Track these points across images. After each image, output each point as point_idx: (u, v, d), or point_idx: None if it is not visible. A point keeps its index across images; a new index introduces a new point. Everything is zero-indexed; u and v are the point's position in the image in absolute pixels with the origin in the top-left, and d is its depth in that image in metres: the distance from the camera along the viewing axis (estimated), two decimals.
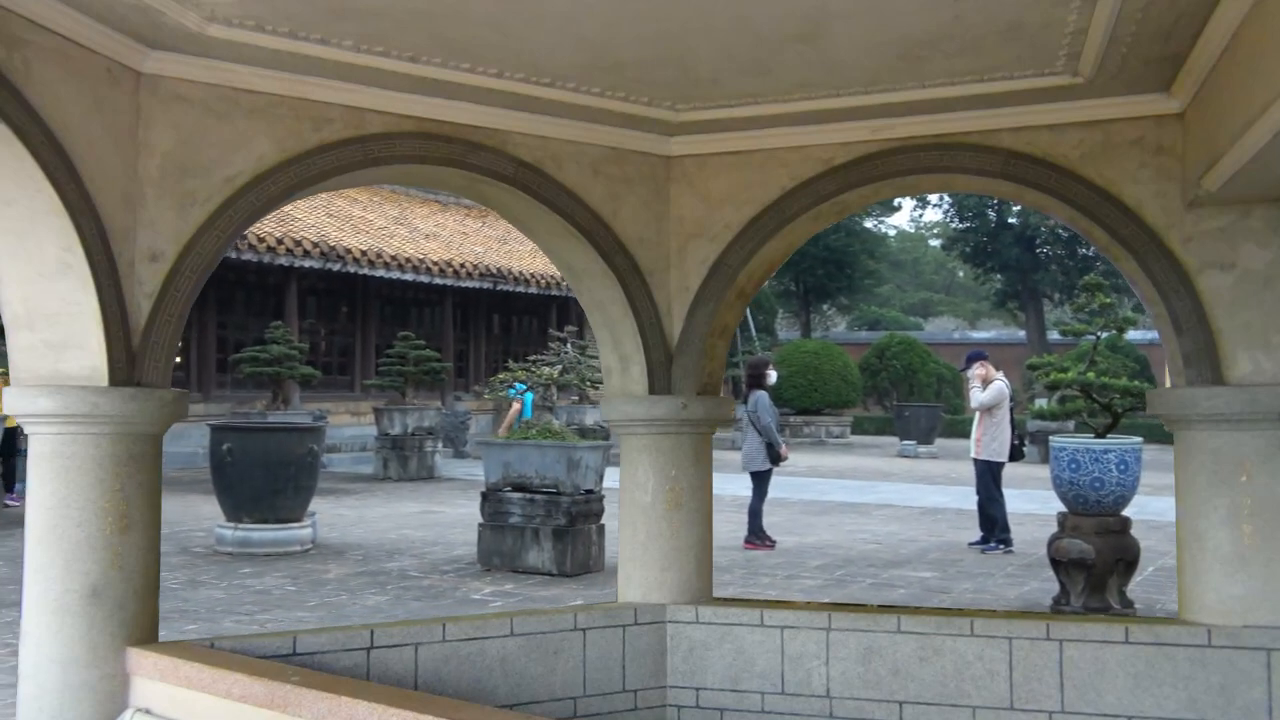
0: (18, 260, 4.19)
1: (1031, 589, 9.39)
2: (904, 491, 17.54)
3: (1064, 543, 8.03)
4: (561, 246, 5.58)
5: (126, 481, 4.28)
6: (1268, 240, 4.86)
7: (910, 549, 11.63)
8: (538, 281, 23.84)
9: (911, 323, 50.97)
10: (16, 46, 3.83)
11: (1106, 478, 8.01)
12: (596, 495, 10.28)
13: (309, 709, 3.68)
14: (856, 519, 14.10)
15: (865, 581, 9.68)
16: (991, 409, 11.44)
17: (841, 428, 30.40)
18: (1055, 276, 40.11)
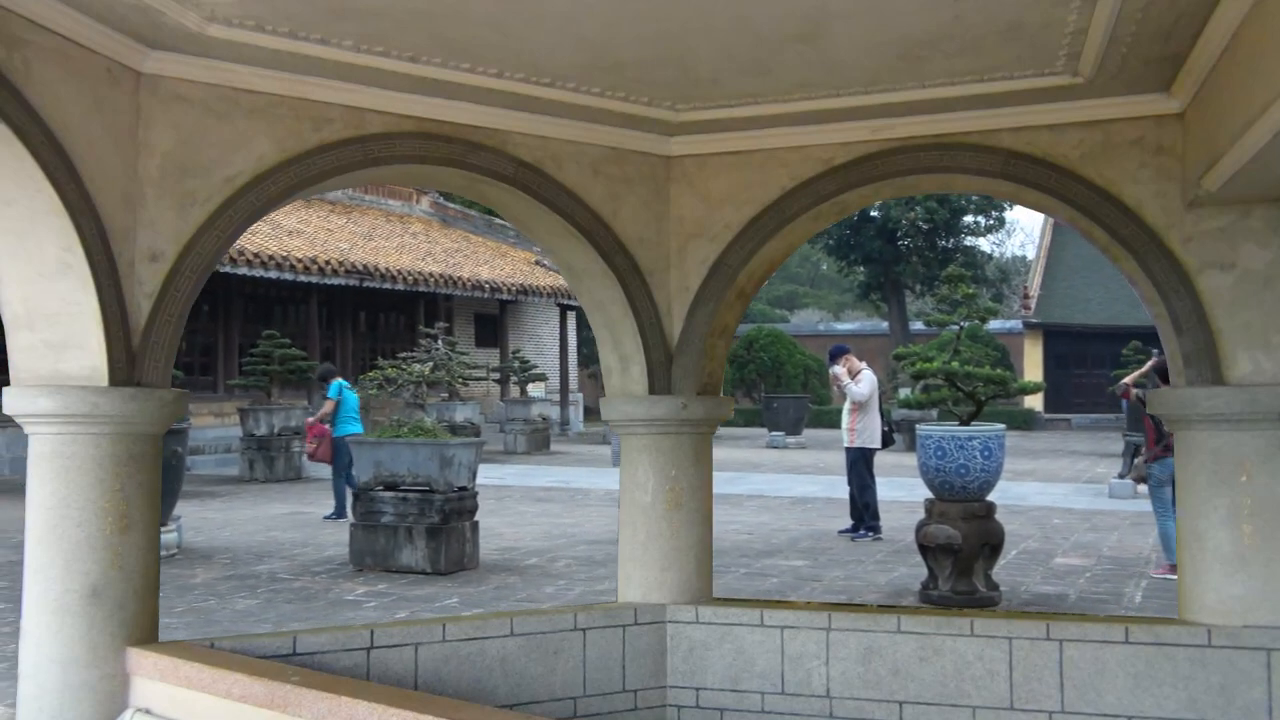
0: (18, 260, 4.19)
1: (901, 574, 9.48)
2: (774, 482, 17.60)
3: (931, 529, 8.14)
4: (561, 246, 5.58)
5: (126, 481, 4.29)
6: (1268, 240, 4.86)
7: (782, 538, 11.71)
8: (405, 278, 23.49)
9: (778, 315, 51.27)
10: (16, 46, 3.83)
11: (971, 464, 8.15)
12: (470, 492, 10.14)
13: (309, 709, 3.68)
14: (728, 510, 14.09)
15: (739, 571, 9.72)
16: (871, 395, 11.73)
17: None
18: (916, 268, 40.60)
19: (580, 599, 8.47)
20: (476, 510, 10.22)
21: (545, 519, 13.35)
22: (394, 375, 12.71)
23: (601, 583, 9.13)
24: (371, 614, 8.02)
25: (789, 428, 25.97)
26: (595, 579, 9.34)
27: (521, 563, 10.24)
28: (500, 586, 9.07)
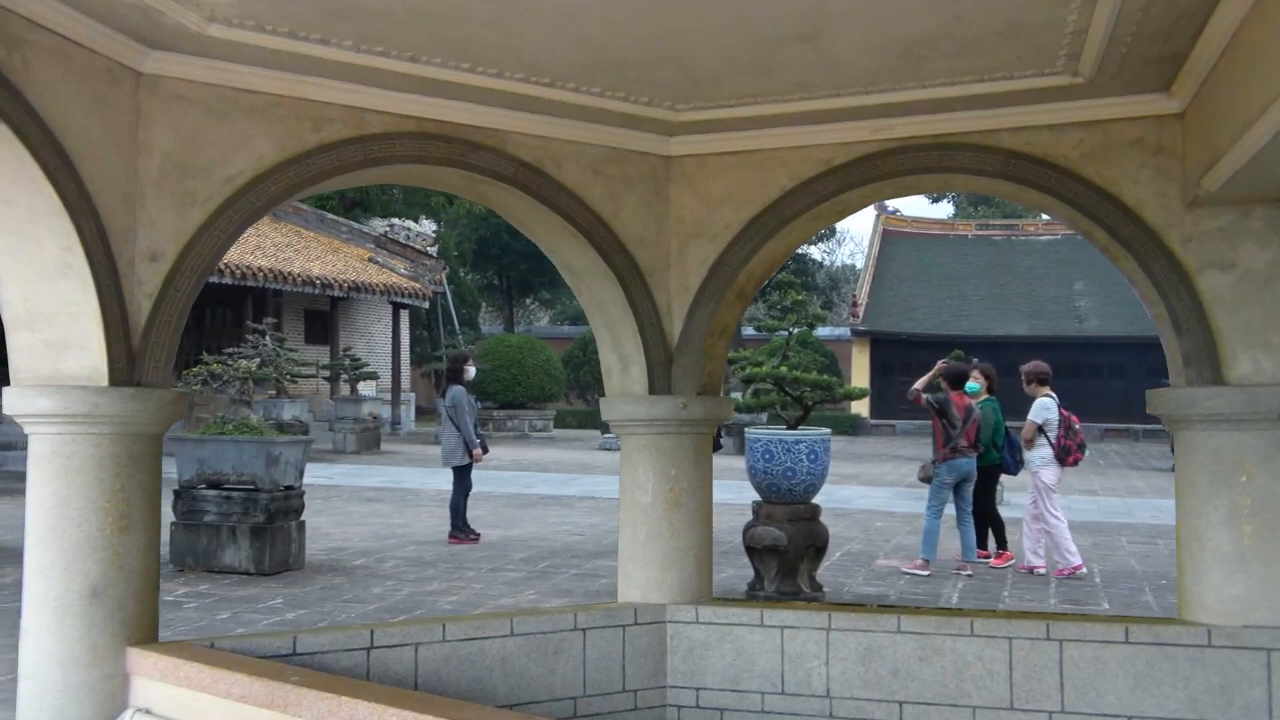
0: (18, 260, 4.18)
1: (728, 575, 9.56)
2: (606, 483, 17.44)
3: (758, 530, 8.23)
4: (561, 246, 5.58)
5: (126, 481, 4.28)
6: (1268, 240, 4.86)
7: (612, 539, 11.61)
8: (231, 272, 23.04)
9: None
10: (16, 46, 3.83)
11: (798, 467, 8.26)
12: (297, 491, 9.92)
13: (309, 709, 3.68)
14: (560, 511, 14.16)
15: (569, 572, 9.75)
16: None
17: (545, 421, 30.50)
18: None
19: (408, 600, 8.38)
20: (303, 510, 9.99)
21: (374, 519, 13.21)
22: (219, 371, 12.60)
23: (430, 583, 9.06)
24: (192, 615, 7.85)
25: None
26: (424, 580, 9.25)
27: (349, 563, 10.06)
28: (326, 587, 8.91)
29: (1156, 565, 10.78)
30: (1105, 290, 37.54)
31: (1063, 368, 37.11)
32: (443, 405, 11.82)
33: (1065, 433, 10.03)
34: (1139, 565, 10.78)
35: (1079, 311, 37.54)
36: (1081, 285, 38.29)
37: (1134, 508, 16.08)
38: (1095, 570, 10.42)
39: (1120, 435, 33.91)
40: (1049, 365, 10.63)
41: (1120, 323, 35.80)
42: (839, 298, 50.01)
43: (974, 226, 45.43)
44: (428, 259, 30.03)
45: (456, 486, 11.60)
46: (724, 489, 15.39)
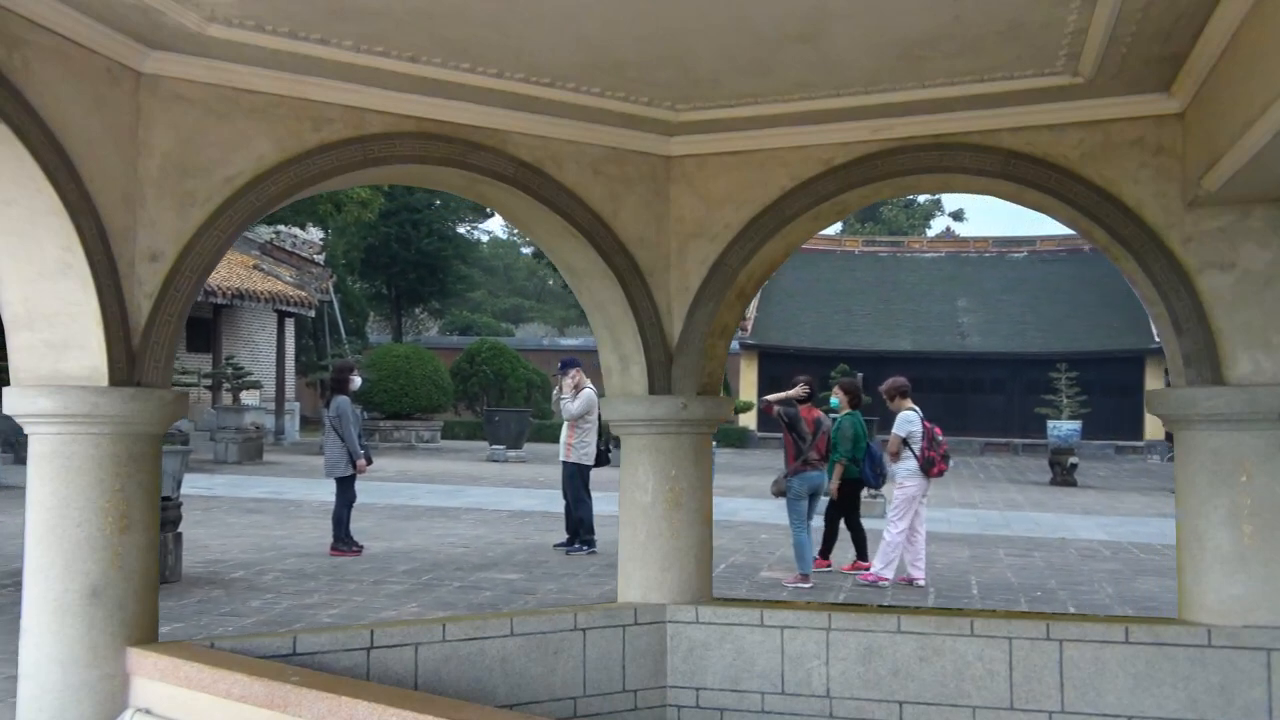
0: (18, 260, 4.19)
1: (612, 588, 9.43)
2: (493, 495, 17.43)
3: None
4: (561, 246, 5.58)
5: (126, 481, 4.28)
6: (1268, 240, 4.86)
7: (497, 551, 11.71)
8: None
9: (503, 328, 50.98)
10: (16, 46, 3.83)
11: None
12: (174, 502, 9.55)
13: (309, 709, 3.68)
14: (445, 523, 13.87)
15: (453, 585, 9.63)
16: (584, 415, 11.72)
17: (432, 432, 30.05)
18: None
19: (287, 613, 8.16)
20: (180, 521, 9.67)
21: (255, 531, 12.87)
22: None
23: (310, 596, 8.84)
24: None
25: (510, 441, 25.69)
26: (304, 592, 9.01)
27: (227, 576, 9.78)
28: (204, 600, 8.64)
29: (1032, 577, 10.95)
30: (987, 307, 38.60)
31: (945, 383, 36.75)
32: (327, 415, 11.61)
33: (929, 444, 10.27)
34: (1015, 578, 10.94)
35: (962, 328, 38.20)
36: (964, 302, 38.99)
37: (1012, 520, 16.28)
38: (973, 582, 10.58)
39: (1001, 449, 34.44)
40: (907, 379, 10.91)
41: (1000, 339, 36.72)
42: None
43: (861, 243, 45.55)
44: (314, 267, 29.68)
45: (340, 498, 11.34)
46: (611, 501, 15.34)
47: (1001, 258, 42.02)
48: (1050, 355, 30.27)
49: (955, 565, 11.55)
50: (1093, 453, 30.38)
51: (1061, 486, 22.56)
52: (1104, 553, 13.06)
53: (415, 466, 23.28)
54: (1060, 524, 15.81)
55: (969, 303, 38.70)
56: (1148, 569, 11.95)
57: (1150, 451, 34.81)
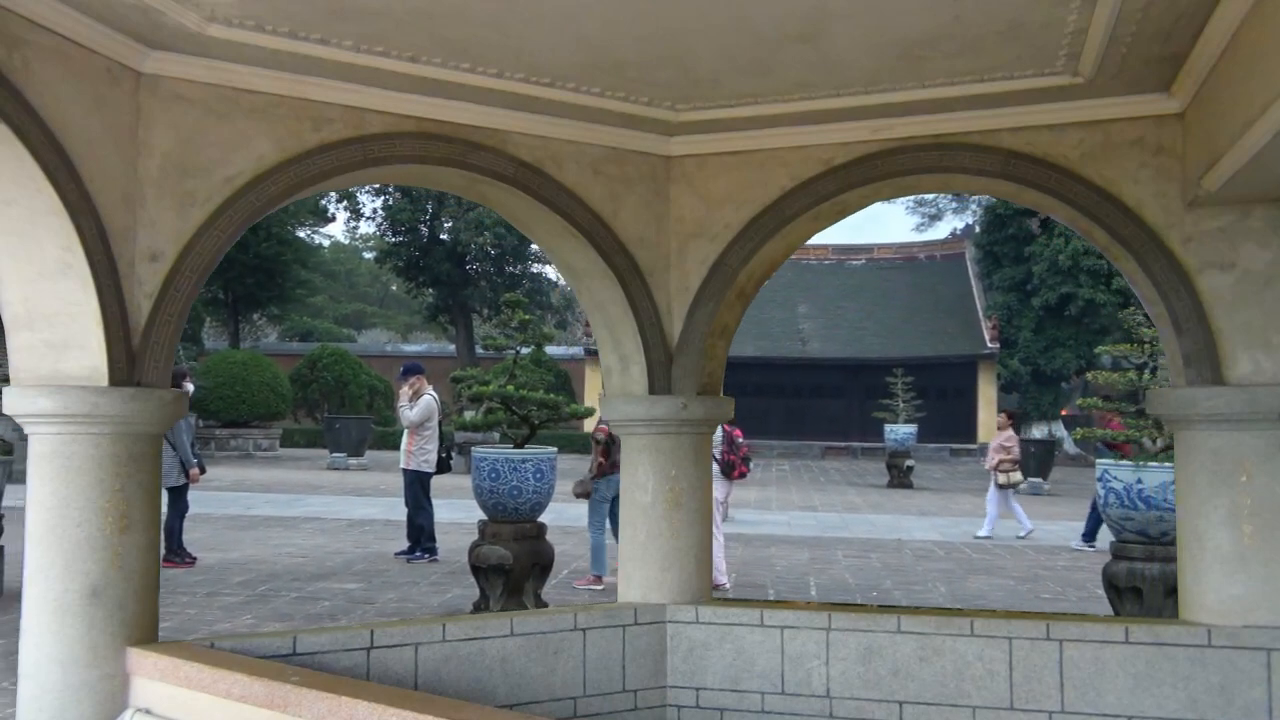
0: (18, 260, 4.18)
1: (454, 595, 9.55)
2: (333, 504, 17.43)
3: (484, 549, 8.22)
4: (561, 246, 5.58)
5: (126, 481, 4.28)
6: (1268, 240, 4.86)
7: (337, 561, 11.63)
8: None
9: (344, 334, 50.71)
10: (16, 46, 3.83)
11: (524, 486, 8.24)
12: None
13: (309, 709, 3.68)
14: (283, 533, 13.81)
15: (289, 595, 9.53)
16: (424, 422, 11.70)
17: (270, 440, 29.73)
18: (484, 293, 41.31)
19: None
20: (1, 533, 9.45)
21: None
22: None
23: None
24: None
25: (351, 449, 25.51)
26: None
27: None
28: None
29: (869, 578, 11.10)
30: (827, 314, 39.30)
31: (787, 388, 37.64)
32: None
33: (729, 448, 10.52)
34: (852, 579, 11.08)
35: (802, 334, 38.83)
36: (805, 309, 39.55)
37: (850, 522, 16.47)
38: (812, 583, 10.70)
39: (840, 453, 34.91)
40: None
41: (839, 345, 37.45)
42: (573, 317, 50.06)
43: None
44: None
45: (171, 508, 11.19)
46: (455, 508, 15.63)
47: (841, 265, 42.88)
48: (887, 360, 30.67)
49: (795, 567, 11.72)
50: (928, 455, 30.76)
51: (898, 489, 23.10)
52: (938, 553, 13.33)
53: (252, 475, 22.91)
54: (896, 525, 16.14)
55: (809, 309, 39.54)
56: (979, 568, 12.28)
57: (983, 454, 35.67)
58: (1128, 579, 7.66)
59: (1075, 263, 33.88)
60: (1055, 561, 13.00)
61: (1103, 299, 33.84)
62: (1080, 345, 34.12)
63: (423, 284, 42.00)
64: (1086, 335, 34.01)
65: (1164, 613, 7.40)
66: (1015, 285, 36.59)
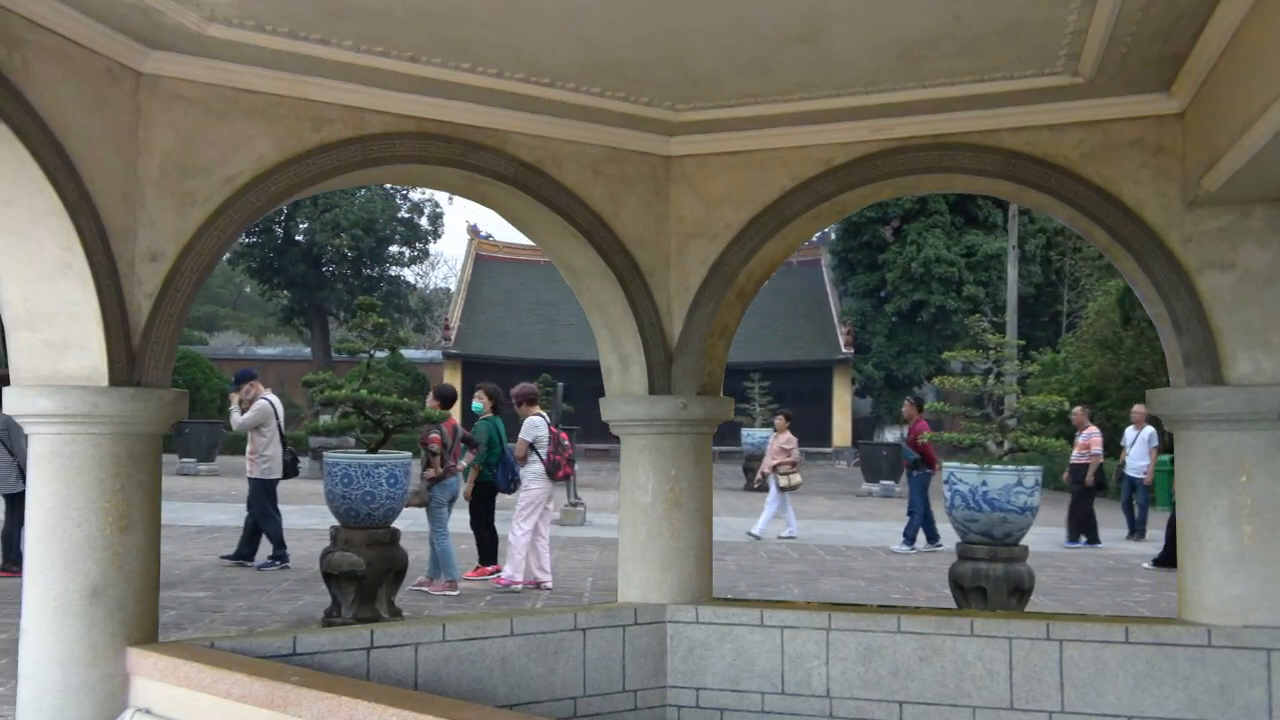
0: (18, 260, 4.18)
1: (306, 603, 9.42)
2: (181, 510, 16.79)
3: (336, 556, 8.10)
4: (561, 246, 5.58)
5: (126, 481, 4.28)
6: (1268, 240, 4.85)
7: (184, 569, 11.35)
8: None
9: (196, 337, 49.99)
10: (16, 46, 3.83)
11: (377, 491, 8.10)
12: None
13: (309, 709, 3.68)
14: None
15: None
16: (260, 427, 11.50)
17: None
18: (341, 295, 41.21)
19: None
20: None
21: None
22: None
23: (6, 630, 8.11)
24: None
25: (201, 454, 25.00)
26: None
27: None
28: None
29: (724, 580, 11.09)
30: None
31: None
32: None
33: (555, 449, 10.63)
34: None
35: None
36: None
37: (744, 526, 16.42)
38: None
39: None
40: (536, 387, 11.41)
41: None
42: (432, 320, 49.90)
43: None
44: None
45: (9, 515, 10.86)
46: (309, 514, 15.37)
47: None
48: (744, 365, 30.66)
49: None
50: None
51: (756, 492, 23.11)
52: (792, 555, 13.42)
53: None
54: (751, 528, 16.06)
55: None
56: (832, 570, 12.40)
57: (838, 457, 36.23)
58: (973, 579, 7.81)
59: (927, 270, 34.77)
60: (905, 563, 13.16)
61: (953, 305, 34.70)
62: (932, 351, 34.83)
63: (277, 286, 41.73)
64: (938, 341, 34.75)
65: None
66: (869, 291, 37.33)
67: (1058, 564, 13.29)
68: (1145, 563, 13.44)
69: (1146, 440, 16.06)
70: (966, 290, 34.74)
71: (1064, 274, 38.79)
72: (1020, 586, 7.82)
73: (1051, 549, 14.53)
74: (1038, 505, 8.14)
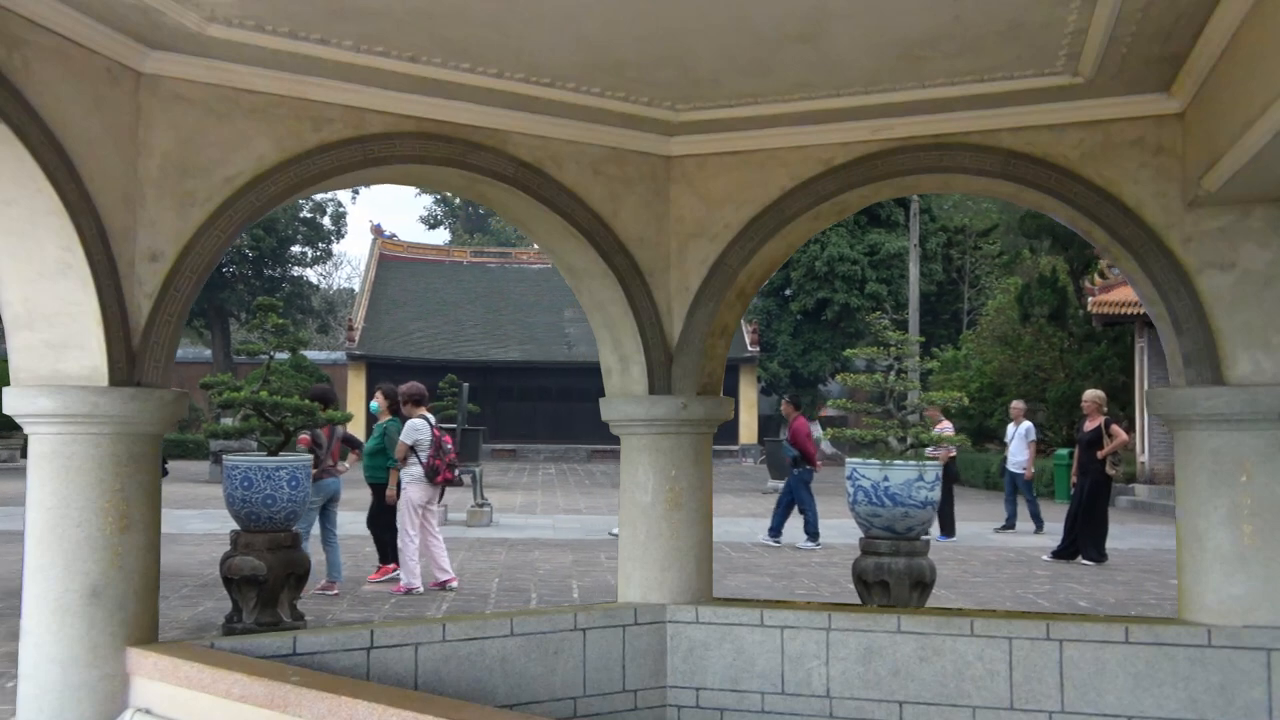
0: (18, 260, 4.19)
1: (207, 609, 9.31)
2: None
3: (236, 560, 7.95)
4: (561, 246, 5.58)
5: (126, 481, 4.28)
6: (1268, 240, 4.85)
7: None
8: None
9: None
10: (16, 46, 3.83)
11: (278, 494, 7.97)
12: None
13: (309, 709, 3.68)
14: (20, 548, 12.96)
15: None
16: None
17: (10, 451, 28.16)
18: (242, 296, 41.08)
19: None
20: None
21: None
22: None
23: None
24: None
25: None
26: None
27: None
28: None
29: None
30: None
31: (554, 392, 37.92)
32: None
33: (436, 452, 10.47)
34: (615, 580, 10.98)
35: (569, 338, 39.17)
36: (570, 312, 39.63)
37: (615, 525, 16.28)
38: (574, 586, 10.71)
39: (607, 456, 35.11)
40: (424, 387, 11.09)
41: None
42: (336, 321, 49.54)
43: (469, 254, 46.30)
44: None
45: None
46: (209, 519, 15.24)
47: None
48: None
49: (558, 570, 11.75)
50: None
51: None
52: None
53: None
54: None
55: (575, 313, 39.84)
56: (738, 566, 12.44)
57: (744, 454, 36.48)
58: (875, 573, 7.87)
59: (831, 269, 35.24)
60: (811, 559, 13.21)
61: (857, 303, 35.16)
62: (836, 348, 35.32)
63: None
64: (841, 338, 35.29)
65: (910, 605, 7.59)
66: (774, 290, 37.67)
67: (960, 557, 13.42)
68: (1045, 555, 13.59)
69: (1024, 435, 16.36)
70: (870, 288, 35.20)
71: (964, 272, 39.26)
72: (922, 580, 7.90)
73: (954, 542, 14.83)
74: (938, 500, 8.21)
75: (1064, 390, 24.99)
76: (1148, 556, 13.99)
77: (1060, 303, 27.61)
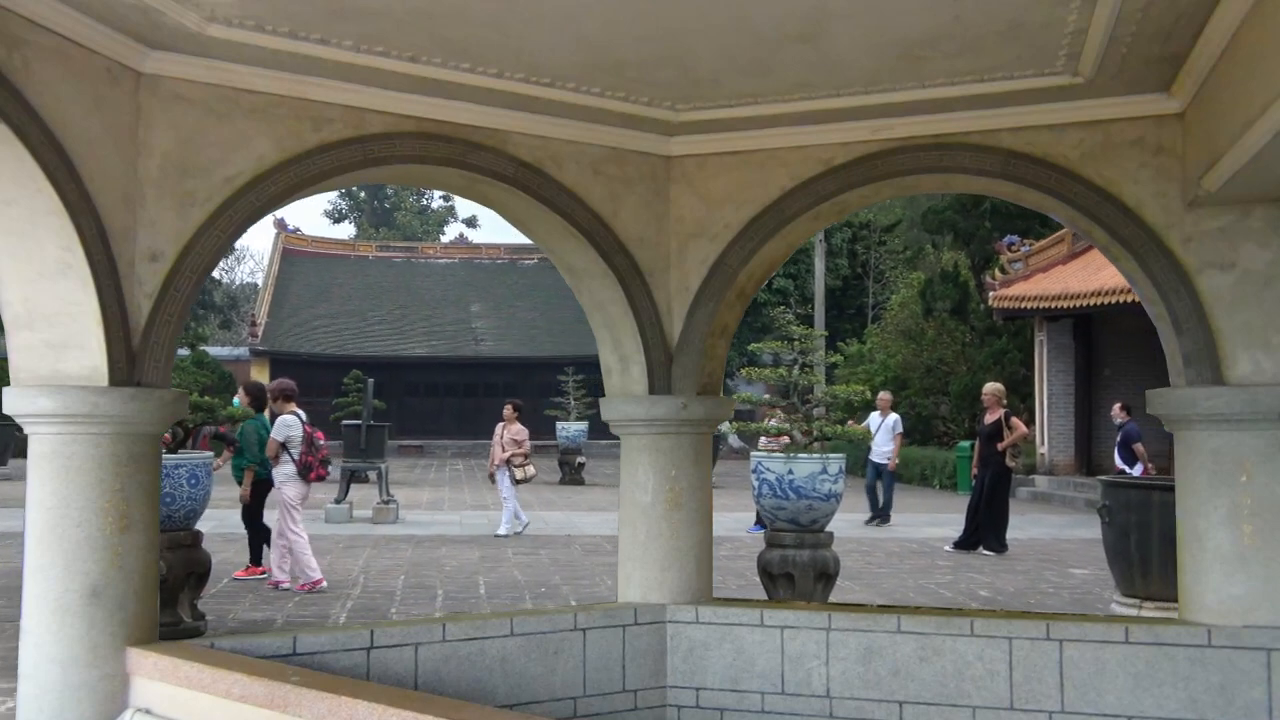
0: (18, 260, 4.19)
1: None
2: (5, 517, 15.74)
3: None
4: (561, 246, 5.58)
5: (126, 481, 4.28)
6: (1268, 240, 4.85)
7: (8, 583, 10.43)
8: None
9: None
10: (16, 46, 3.83)
11: (178, 493, 7.85)
12: None
13: (309, 709, 3.68)
14: None
15: None
16: None
17: None
18: None
19: None
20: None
21: None
22: None
23: None
24: None
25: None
26: None
27: None
28: None
29: (538, 574, 11.14)
30: (500, 313, 39.65)
31: (460, 387, 37.58)
32: None
33: (308, 449, 10.43)
34: (522, 575, 11.08)
35: (476, 333, 39.08)
36: (478, 308, 39.72)
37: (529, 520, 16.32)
38: (481, 582, 10.67)
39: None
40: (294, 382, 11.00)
41: (513, 344, 37.89)
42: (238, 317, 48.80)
43: (375, 248, 45.99)
44: None
45: None
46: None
47: (514, 265, 43.11)
48: (559, 359, 30.74)
49: (465, 567, 11.72)
50: (600, 452, 30.87)
51: (570, 485, 23.29)
52: (607, 547, 13.42)
53: None
54: (567, 521, 16.09)
55: (482, 308, 39.89)
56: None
57: None
58: (780, 566, 7.94)
59: None
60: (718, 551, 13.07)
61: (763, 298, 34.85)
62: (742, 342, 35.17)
63: None
64: (748, 333, 35.02)
65: (813, 597, 7.73)
66: None
67: (864, 549, 13.47)
68: (946, 546, 13.65)
69: (890, 427, 16.39)
70: (776, 283, 34.92)
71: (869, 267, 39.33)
72: (826, 571, 7.98)
73: (859, 534, 14.84)
74: (842, 492, 8.28)
75: (966, 383, 25.04)
76: (1046, 546, 14.08)
77: (962, 297, 27.80)
